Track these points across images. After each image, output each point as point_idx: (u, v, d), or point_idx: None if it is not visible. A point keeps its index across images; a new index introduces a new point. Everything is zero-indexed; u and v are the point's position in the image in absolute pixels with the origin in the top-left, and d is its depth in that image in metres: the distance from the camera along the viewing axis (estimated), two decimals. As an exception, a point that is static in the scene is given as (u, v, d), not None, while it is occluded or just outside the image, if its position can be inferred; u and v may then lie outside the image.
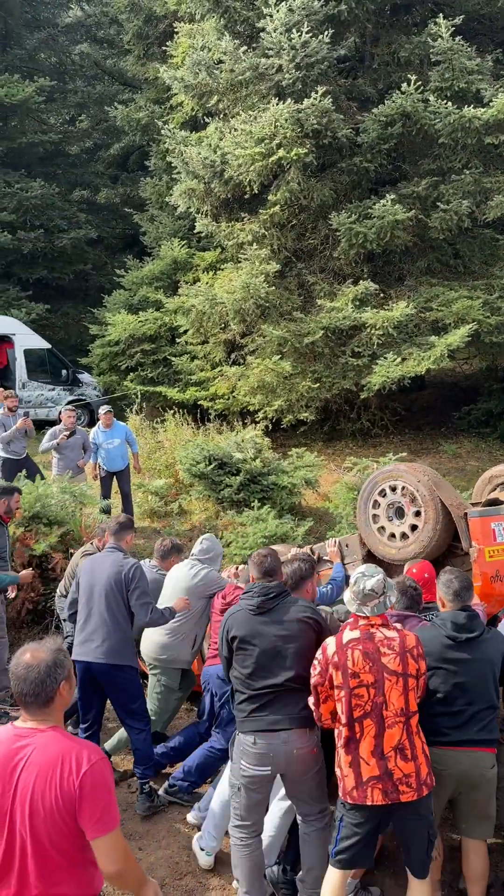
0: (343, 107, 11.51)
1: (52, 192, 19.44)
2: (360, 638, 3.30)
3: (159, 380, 14.11)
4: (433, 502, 4.70)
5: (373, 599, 3.35)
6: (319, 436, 12.63)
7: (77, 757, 2.34)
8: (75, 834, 2.32)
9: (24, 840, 2.31)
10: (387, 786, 3.18)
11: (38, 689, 2.38)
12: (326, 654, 3.35)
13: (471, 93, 10.84)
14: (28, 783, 2.31)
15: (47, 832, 2.30)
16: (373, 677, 3.24)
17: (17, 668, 2.40)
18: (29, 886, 2.32)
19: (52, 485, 7.81)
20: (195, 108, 13.49)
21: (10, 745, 2.37)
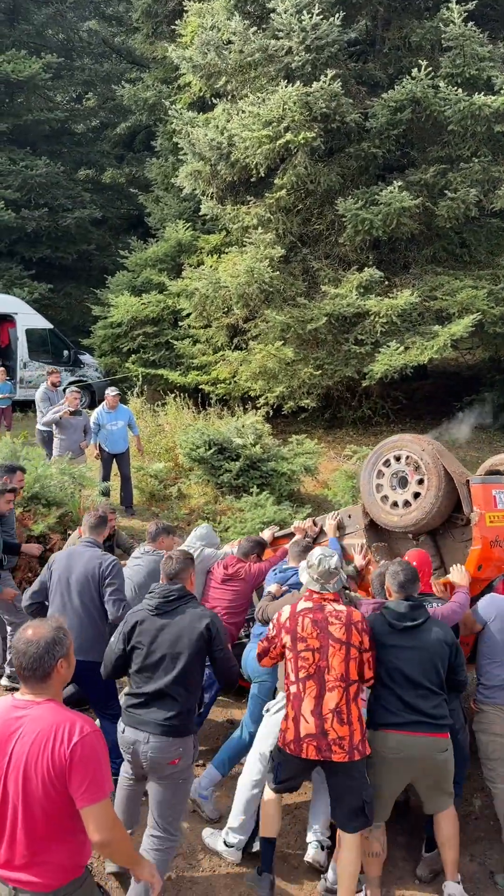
0: (352, 91, 11.40)
1: (57, 171, 19.32)
2: (312, 608, 3.65)
3: (161, 363, 14.08)
4: (436, 470, 4.74)
5: (332, 578, 3.72)
6: (320, 423, 12.62)
7: (70, 727, 2.42)
8: (66, 802, 2.40)
9: (15, 807, 2.40)
10: (321, 744, 3.49)
11: (37, 664, 2.47)
12: (280, 620, 3.71)
13: (482, 80, 10.74)
14: (22, 752, 2.41)
15: (39, 799, 2.39)
16: (318, 643, 3.57)
17: (17, 643, 2.50)
18: (18, 853, 2.40)
19: (52, 466, 7.80)
20: (203, 89, 13.36)
21: (7, 716, 2.47)
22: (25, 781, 2.39)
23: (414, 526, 4.81)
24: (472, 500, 4.61)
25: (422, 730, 3.64)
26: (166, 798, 3.60)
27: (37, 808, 2.39)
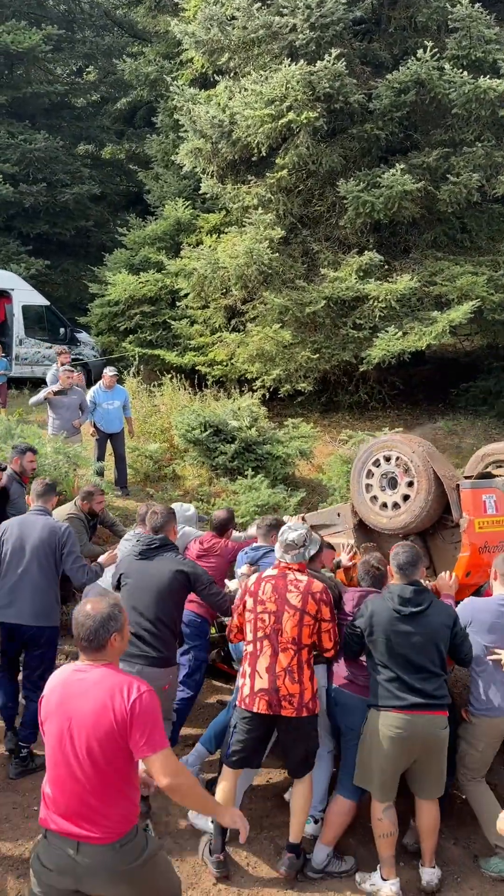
0: (356, 71, 11.25)
1: (57, 146, 19.10)
2: (276, 575, 3.95)
3: (158, 343, 13.99)
4: (426, 473, 4.73)
5: (293, 549, 3.95)
6: (316, 407, 12.60)
7: (129, 686, 2.66)
8: (125, 758, 2.63)
9: (78, 763, 2.62)
10: (272, 699, 3.78)
11: (93, 636, 2.71)
12: (247, 584, 4.00)
13: (487, 63, 10.61)
14: (85, 710, 2.63)
15: (100, 756, 2.60)
16: (275, 607, 3.85)
17: (78, 616, 2.74)
18: (79, 807, 2.61)
19: (47, 444, 7.78)
20: (205, 65, 13.18)
21: (69, 678, 2.74)
22: (88, 739, 2.60)
23: (403, 529, 4.80)
24: (462, 505, 4.59)
25: (424, 709, 3.77)
26: None
27: (98, 763, 2.60)
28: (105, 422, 9.15)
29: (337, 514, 5.46)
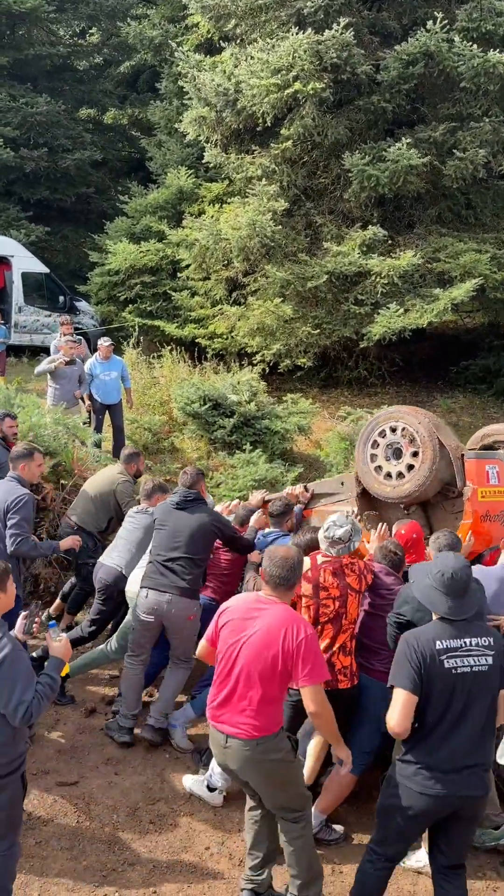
0: (365, 41, 11.08)
1: (58, 109, 18.78)
2: (332, 561, 4.05)
3: (158, 314, 13.91)
4: (431, 442, 4.86)
5: (338, 545, 4.05)
6: (316, 382, 12.60)
7: (298, 626, 3.22)
8: (281, 679, 3.21)
9: (241, 675, 3.22)
10: (330, 676, 3.79)
11: (289, 574, 3.27)
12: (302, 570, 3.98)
13: (498, 36, 10.49)
14: (257, 637, 3.20)
15: (261, 673, 3.18)
16: (339, 592, 3.98)
17: (274, 556, 3.30)
18: (235, 709, 3.24)
19: (46, 415, 7.78)
20: (211, 31, 12.97)
21: (250, 606, 3.32)
22: (256, 658, 3.19)
23: (406, 497, 4.89)
24: (466, 474, 4.71)
25: None
26: (183, 638, 4.75)
27: (257, 679, 3.19)
28: (103, 393, 9.15)
29: (341, 483, 5.60)
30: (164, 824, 4.14)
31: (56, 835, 4.00)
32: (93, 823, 4.11)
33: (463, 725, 3.07)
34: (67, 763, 4.57)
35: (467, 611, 3.15)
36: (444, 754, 3.06)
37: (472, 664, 3.06)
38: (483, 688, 3.08)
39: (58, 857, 3.85)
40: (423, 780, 3.07)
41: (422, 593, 3.22)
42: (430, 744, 3.09)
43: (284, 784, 3.34)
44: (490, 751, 3.16)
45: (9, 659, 3.01)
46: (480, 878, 3.92)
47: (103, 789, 4.37)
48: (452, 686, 3.05)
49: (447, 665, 3.04)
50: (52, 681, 3.13)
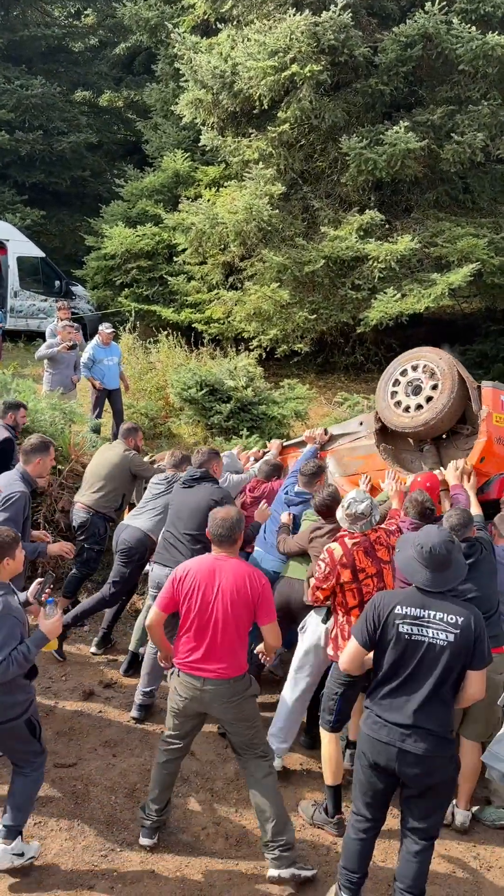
0: (362, 23, 10.97)
1: (53, 92, 18.60)
2: (361, 542, 4.09)
3: (154, 298, 13.87)
4: (451, 374, 5.13)
5: (361, 520, 4.08)
6: (312, 367, 12.59)
7: (259, 574, 3.78)
8: (249, 620, 3.72)
9: (218, 621, 3.63)
10: None
11: (229, 532, 3.74)
12: (334, 557, 4.04)
13: (496, 18, 10.39)
14: (227, 585, 3.65)
15: (235, 617, 3.65)
16: (375, 569, 4.07)
17: (214, 518, 3.78)
18: (212, 653, 3.65)
19: (42, 401, 7.77)
20: (208, 12, 12.83)
21: (213, 563, 3.74)
22: (232, 604, 3.63)
23: (424, 426, 5.14)
24: (482, 400, 5.04)
25: None
26: None
27: (232, 622, 3.64)
28: (106, 378, 9.21)
29: (360, 422, 5.84)
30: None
31: (54, 816, 4.05)
32: (91, 804, 4.15)
33: (411, 687, 3.25)
34: (66, 745, 4.61)
35: (443, 585, 3.28)
36: (390, 706, 3.28)
37: (430, 636, 3.22)
38: (436, 660, 3.22)
39: (56, 838, 3.89)
40: (372, 724, 3.34)
41: (402, 563, 3.42)
42: (380, 694, 3.33)
43: (251, 719, 3.77)
44: (444, 722, 3.26)
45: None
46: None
47: (101, 771, 4.41)
48: (404, 649, 3.25)
49: (402, 629, 3.25)
50: (29, 651, 3.38)
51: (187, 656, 3.70)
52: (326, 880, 3.71)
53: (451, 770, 3.34)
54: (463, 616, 3.24)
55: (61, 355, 8.92)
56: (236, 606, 3.64)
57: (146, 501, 5.59)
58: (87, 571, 5.90)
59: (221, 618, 3.63)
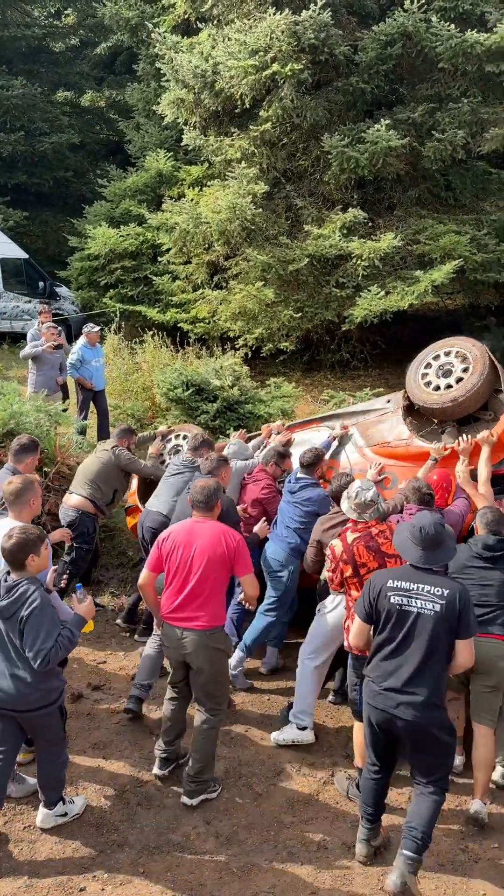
0: (342, 21, 11.00)
1: (34, 92, 18.54)
2: (362, 536, 4.20)
3: (139, 299, 13.85)
4: (482, 358, 5.39)
5: (370, 508, 4.25)
6: (298, 366, 12.61)
7: (232, 532, 4.17)
8: (226, 575, 4.10)
9: (196, 576, 4.02)
10: None
11: (206, 499, 4.16)
12: (335, 553, 4.26)
13: (475, 16, 10.42)
14: (204, 543, 4.05)
15: (212, 572, 4.03)
16: (377, 563, 4.14)
17: (195, 487, 4.22)
18: (190, 606, 4.04)
19: (27, 402, 7.75)
20: (188, 12, 12.81)
21: (191, 525, 4.17)
22: (209, 561, 4.02)
23: (452, 402, 5.31)
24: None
25: (489, 633, 4.13)
26: None
27: (210, 577, 4.02)
28: (94, 379, 9.26)
29: (387, 400, 6.05)
30: (151, 806, 4.20)
31: (44, 819, 4.04)
32: (81, 807, 4.15)
33: (403, 655, 3.56)
34: None
35: (433, 562, 3.63)
36: (384, 674, 3.60)
37: (420, 606, 3.55)
38: (425, 629, 3.53)
39: (46, 841, 3.89)
40: (370, 691, 3.67)
41: (399, 543, 3.75)
42: (376, 662, 3.66)
43: (219, 674, 4.13)
44: (434, 690, 3.52)
45: (37, 609, 3.54)
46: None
47: (91, 773, 4.41)
48: (395, 618, 3.58)
49: (393, 600, 3.59)
50: (72, 634, 3.69)
51: (169, 609, 4.10)
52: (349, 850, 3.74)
53: (443, 734, 3.57)
54: (449, 589, 3.56)
55: (46, 356, 8.90)
56: (212, 562, 4.02)
57: (162, 484, 5.72)
58: (75, 570, 5.91)
59: (198, 573, 4.02)
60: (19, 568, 3.65)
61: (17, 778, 4.25)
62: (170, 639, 4.14)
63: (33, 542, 3.65)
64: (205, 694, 4.17)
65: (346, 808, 4.24)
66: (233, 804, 4.25)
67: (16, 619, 3.56)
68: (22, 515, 4.14)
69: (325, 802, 4.29)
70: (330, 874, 3.77)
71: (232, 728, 4.89)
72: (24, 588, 3.58)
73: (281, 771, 4.54)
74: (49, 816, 3.93)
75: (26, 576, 3.65)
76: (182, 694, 4.33)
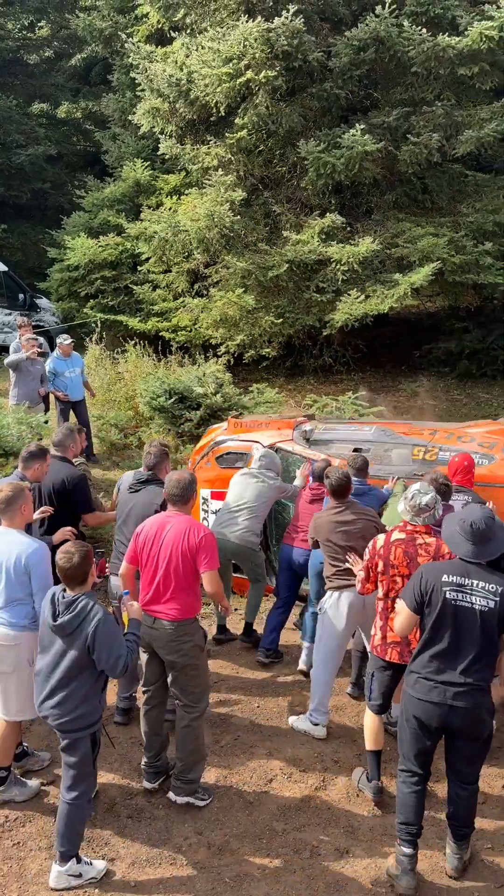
0: (315, 28, 11.08)
1: (10, 105, 18.51)
2: (405, 540, 4.14)
3: (120, 308, 13.84)
4: None
5: (425, 512, 4.13)
6: (281, 371, 12.63)
7: (199, 527, 4.13)
8: (192, 569, 4.06)
9: (162, 569, 4.06)
10: (403, 650, 4.12)
11: (182, 492, 4.17)
12: (375, 547, 4.21)
13: (446, 20, 10.54)
14: (170, 539, 4.07)
15: (177, 565, 4.05)
16: (408, 571, 4.07)
17: (170, 480, 4.21)
18: (161, 596, 4.09)
19: (8, 415, 7.71)
20: (161, 21, 12.87)
21: (160, 521, 4.17)
22: (172, 554, 4.05)
23: None
24: None
25: None
26: None
27: (175, 570, 4.04)
28: (69, 390, 9.12)
29: None
30: (142, 818, 4.15)
31: (34, 835, 3.99)
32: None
33: (458, 647, 3.57)
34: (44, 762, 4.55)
35: (484, 556, 3.61)
36: (439, 667, 3.60)
37: (473, 602, 3.55)
38: (479, 623, 3.54)
39: (36, 858, 3.84)
40: (421, 687, 3.64)
41: (448, 537, 3.73)
42: (428, 657, 3.63)
43: (191, 667, 4.12)
44: (486, 678, 3.60)
45: (103, 622, 3.60)
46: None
47: (80, 787, 4.35)
48: (450, 614, 3.55)
49: (448, 596, 3.56)
50: (136, 637, 3.83)
51: (143, 601, 4.14)
52: (342, 855, 3.71)
53: (490, 720, 3.65)
54: (502, 585, 3.56)
55: (27, 368, 8.84)
56: (176, 555, 4.04)
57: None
58: None
59: (164, 565, 4.06)
60: (81, 583, 3.66)
61: (19, 782, 4.23)
62: (144, 628, 4.12)
63: (90, 557, 3.72)
64: (179, 688, 4.16)
65: (337, 814, 4.22)
66: (224, 813, 4.21)
67: (79, 633, 3.56)
68: (15, 522, 4.14)
69: (317, 809, 4.27)
70: (323, 881, 3.74)
71: (222, 737, 4.86)
72: (83, 603, 3.61)
73: (272, 778, 4.51)
74: (61, 875, 3.65)
75: (83, 590, 3.66)
76: (157, 699, 4.30)
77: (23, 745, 4.45)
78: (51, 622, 3.60)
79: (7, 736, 4.16)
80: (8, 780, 4.20)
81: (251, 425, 6.93)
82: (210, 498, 6.46)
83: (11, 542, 4.08)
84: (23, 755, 4.44)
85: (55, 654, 3.62)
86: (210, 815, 4.19)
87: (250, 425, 6.94)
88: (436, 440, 6.20)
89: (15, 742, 4.24)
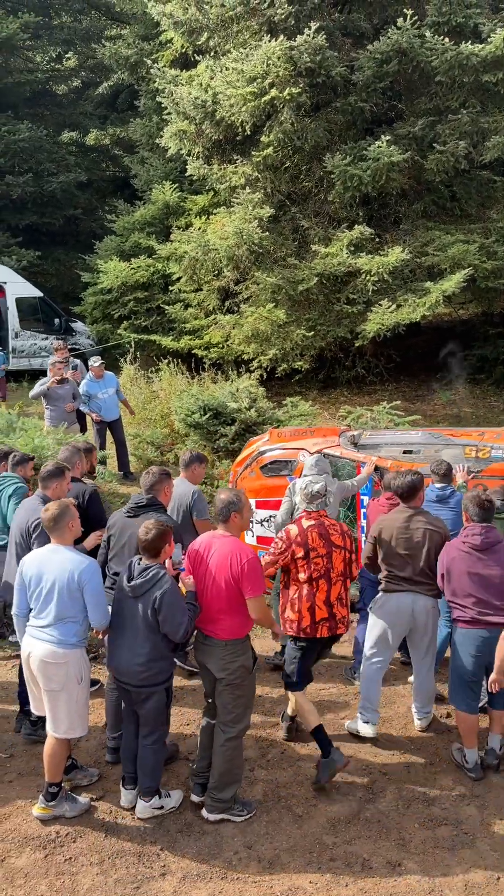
0: (337, 43, 11.16)
1: (40, 135, 18.96)
2: (315, 524, 4.54)
3: (153, 328, 14.01)
4: None
5: (318, 499, 4.59)
6: (314, 384, 12.63)
7: (245, 551, 4.09)
8: (237, 593, 4.04)
9: (208, 591, 4.09)
10: (332, 624, 4.53)
11: (223, 511, 4.11)
12: (290, 535, 4.52)
13: (468, 28, 10.53)
14: (214, 563, 4.07)
15: (221, 588, 4.05)
16: (325, 550, 4.49)
17: (218, 498, 4.18)
18: (207, 617, 4.13)
19: (48, 437, 7.83)
20: (185, 46, 13.08)
21: (210, 540, 4.19)
22: (216, 577, 4.05)
23: None
24: None
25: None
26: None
27: (220, 592, 4.05)
28: (103, 411, 9.25)
29: None
30: (191, 832, 4.15)
31: (84, 851, 4.01)
32: (120, 836, 4.11)
33: None
34: (32, 785, 4.48)
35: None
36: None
37: None
38: None
39: (88, 873, 3.86)
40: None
41: None
42: None
43: (234, 688, 4.14)
44: None
45: (169, 590, 3.99)
46: None
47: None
48: None
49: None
50: (195, 608, 4.11)
51: (200, 616, 4.23)
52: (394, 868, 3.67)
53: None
54: None
55: (55, 392, 8.98)
56: (219, 579, 4.07)
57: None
58: None
59: (210, 587, 4.10)
60: (154, 556, 4.11)
61: (70, 798, 4.26)
62: (197, 643, 4.29)
63: (168, 533, 4.13)
64: (221, 704, 4.19)
65: (388, 826, 4.17)
66: (273, 827, 4.19)
67: (149, 597, 4.00)
68: (64, 539, 4.20)
69: (367, 821, 4.22)
70: (376, 894, 3.70)
71: (268, 751, 4.84)
72: (155, 570, 4.06)
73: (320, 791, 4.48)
74: (146, 808, 4.16)
75: (156, 562, 4.11)
76: (214, 712, 4.31)
77: (72, 759, 4.48)
78: (125, 584, 4.05)
79: (56, 752, 4.19)
80: (59, 796, 4.23)
81: (294, 434, 6.94)
82: (255, 507, 6.47)
83: (64, 559, 4.12)
84: (71, 767, 4.47)
85: (128, 617, 4.06)
86: (259, 829, 4.17)
87: (293, 434, 6.94)
88: (485, 439, 6.17)
89: (64, 759, 4.28)
